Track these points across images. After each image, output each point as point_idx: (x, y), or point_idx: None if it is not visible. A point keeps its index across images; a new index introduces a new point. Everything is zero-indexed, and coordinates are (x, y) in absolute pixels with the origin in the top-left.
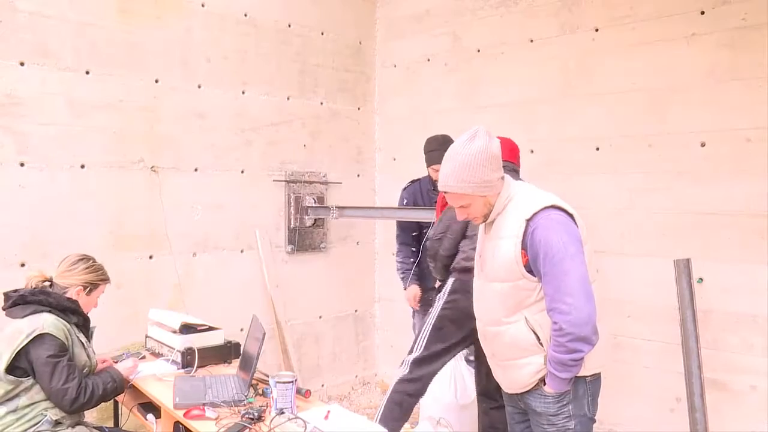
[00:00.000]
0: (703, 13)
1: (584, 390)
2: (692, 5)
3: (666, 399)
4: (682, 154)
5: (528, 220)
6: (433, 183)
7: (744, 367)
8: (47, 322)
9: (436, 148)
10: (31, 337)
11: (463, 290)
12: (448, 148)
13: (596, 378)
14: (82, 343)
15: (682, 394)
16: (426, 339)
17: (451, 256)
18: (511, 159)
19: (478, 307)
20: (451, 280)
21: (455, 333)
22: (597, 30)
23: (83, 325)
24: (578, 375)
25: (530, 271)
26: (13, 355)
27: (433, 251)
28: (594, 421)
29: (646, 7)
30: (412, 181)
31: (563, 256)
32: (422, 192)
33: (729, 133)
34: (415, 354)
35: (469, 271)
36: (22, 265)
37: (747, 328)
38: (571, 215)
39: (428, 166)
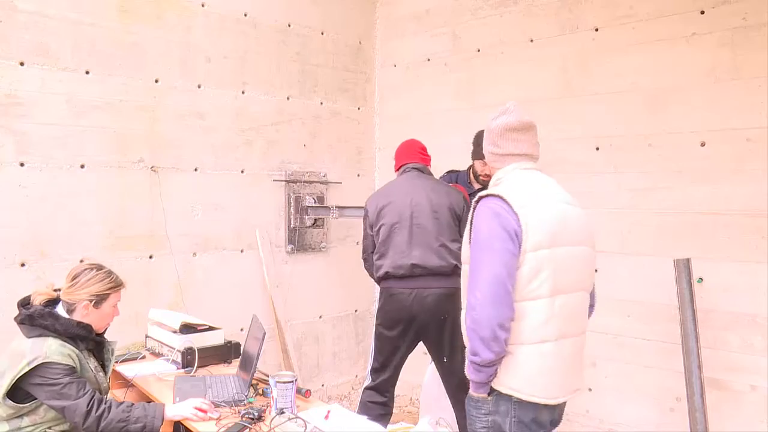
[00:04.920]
0: (703, 12)
1: (507, 409)
2: (692, 5)
3: (666, 399)
4: (682, 154)
5: (475, 202)
6: (473, 177)
7: (744, 367)
8: (51, 349)
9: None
10: (31, 366)
11: (387, 295)
12: None
13: (526, 405)
14: (92, 369)
15: (682, 394)
16: (373, 350)
17: (374, 266)
18: (411, 160)
19: None
20: (378, 292)
21: (388, 342)
22: (597, 30)
23: (95, 348)
24: (504, 392)
25: None
26: (13, 382)
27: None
28: None
29: (646, 7)
30: (449, 172)
31: (483, 248)
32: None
33: (729, 133)
34: (370, 365)
35: (389, 277)
36: (22, 265)
37: (747, 328)
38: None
39: (474, 159)
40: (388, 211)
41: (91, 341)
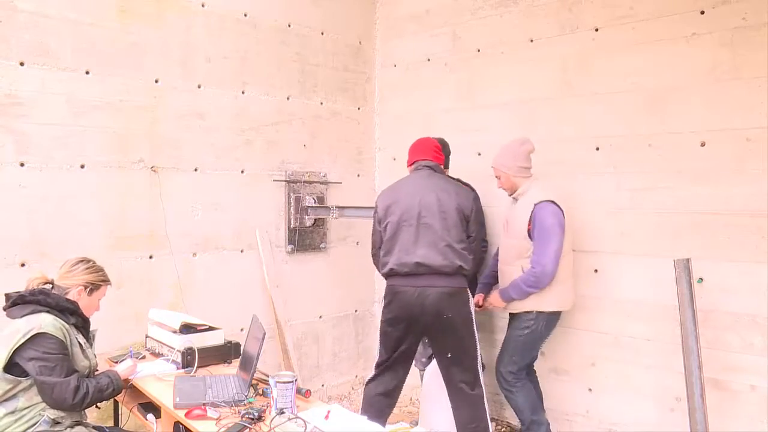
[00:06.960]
0: (703, 12)
1: (544, 318)
2: (692, 5)
3: (666, 399)
4: (682, 154)
5: (535, 204)
6: None
7: (744, 367)
8: (45, 321)
9: None
10: (28, 336)
11: (392, 293)
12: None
13: (552, 315)
14: (81, 345)
15: (682, 394)
16: (378, 346)
17: (380, 263)
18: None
19: (502, 254)
20: (384, 288)
21: (392, 339)
22: (597, 30)
23: (83, 326)
24: (545, 310)
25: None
26: (11, 353)
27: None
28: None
29: (646, 6)
30: None
31: (550, 233)
32: None
33: (729, 133)
34: (376, 359)
35: (394, 274)
36: (22, 265)
37: (747, 328)
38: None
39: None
40: (397, 208)
41: (79, 317)
